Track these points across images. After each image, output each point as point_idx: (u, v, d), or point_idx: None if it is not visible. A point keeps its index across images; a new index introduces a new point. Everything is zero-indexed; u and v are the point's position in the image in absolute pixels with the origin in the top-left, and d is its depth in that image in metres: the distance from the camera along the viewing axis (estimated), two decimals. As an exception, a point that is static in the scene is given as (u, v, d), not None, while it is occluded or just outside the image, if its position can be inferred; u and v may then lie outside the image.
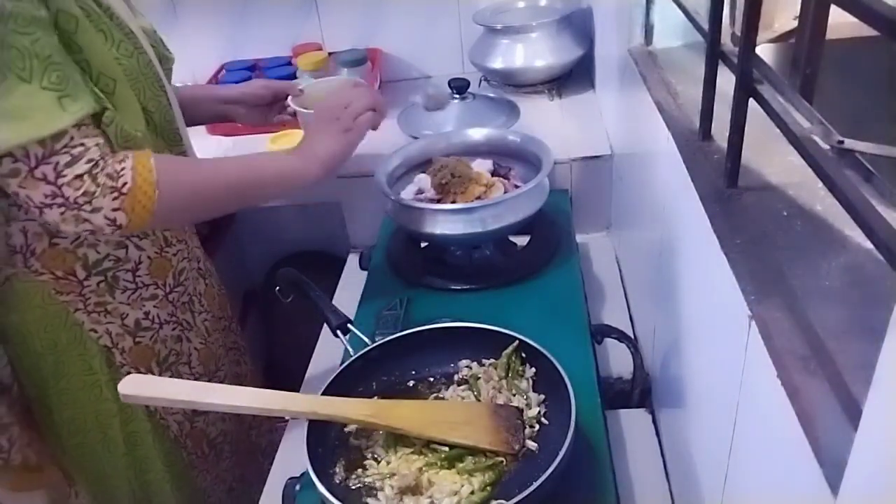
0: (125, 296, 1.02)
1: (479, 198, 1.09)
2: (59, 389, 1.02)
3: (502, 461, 0.75)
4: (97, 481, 1.11)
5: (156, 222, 0.90)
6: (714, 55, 0.73)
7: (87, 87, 0.85)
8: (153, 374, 1.06)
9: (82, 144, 0.83)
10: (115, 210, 0.84)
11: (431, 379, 0.87)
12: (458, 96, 1.52)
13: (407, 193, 1.15)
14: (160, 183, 0.87)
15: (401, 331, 0.90)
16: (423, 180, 1.15)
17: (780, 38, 0.93)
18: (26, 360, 1.01)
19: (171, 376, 1.09)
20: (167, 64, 1.06)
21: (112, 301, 1.01)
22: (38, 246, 0.94)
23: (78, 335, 0.99)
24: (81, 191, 0.82)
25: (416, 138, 1.40)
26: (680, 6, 0.95)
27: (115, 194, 0.84)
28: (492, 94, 1.62)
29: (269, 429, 1.35)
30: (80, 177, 0.82)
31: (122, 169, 0.85)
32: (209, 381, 1.16)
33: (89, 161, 0.83)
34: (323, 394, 0.80)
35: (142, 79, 0.94)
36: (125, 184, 0.84)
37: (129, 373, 1.03)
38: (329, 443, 0.79)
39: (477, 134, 1.23)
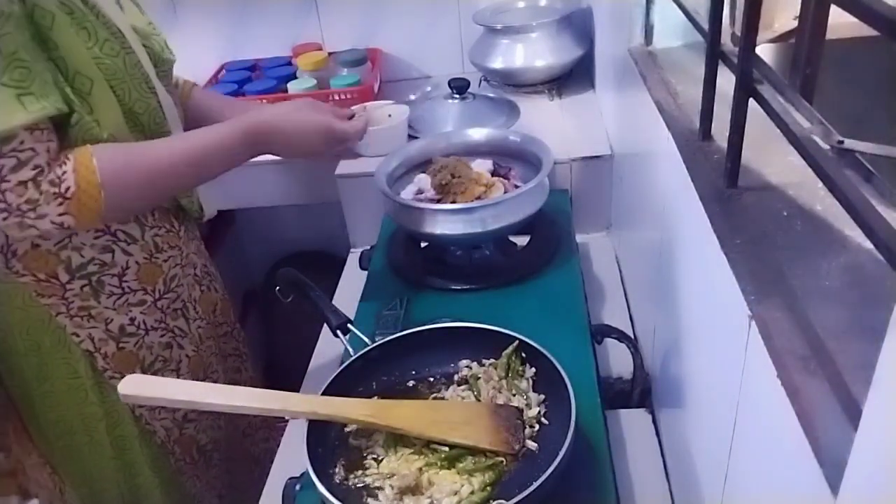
0: (111, 301, 1.00)
1: (479, 198, 1.09)
2: (42, 392, 1.01)
3: (502, 461, 0.75)
4: (85, 483, 1.10)
5: (106, 219, 0.90)
6: (714, 55, 0.73)
7: (57, 88, 0.84)
8: None
9: (32, 149, 0.81)
10: (61, 215, 0.84)
11: (431, 379, 0.87)
12: (458, 96, 1.52)
13: (407, 193, 1.15)
14: (104, 184, 0.85)
15: (401, 331, 0.90)
16: (423, 180, 1.15)
17: (780, 38, 0.93)
18: (9, 360, 1.01)
19: None
20: (164, 65, 1.04)
21: (97, 306, 0.99)
22: (20, 247, 0.93)
23: (61, 338, 0.98)
24: (24, 198, 0.81)
25: (416, 138, 1.40)
26: (680, 6, 0.95)
27: (60, 200, 0.83)
28: (492, 94, 1.62)
29: (265, 437, 1.34)
30: (23, 183, 0.81)
31: (64, 173, 0.83)
32: None
33: (35, 167, 0.82)
34: (323, 394, 0.80)
35: (127, 79, 0.92)
36: (68, 188, 0.83)
37: (112, 378, 1.02)
38: (329, 443, 0.79)
39: (477, 134, 1.23)
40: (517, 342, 0.84)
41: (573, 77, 1.65)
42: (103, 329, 1.01)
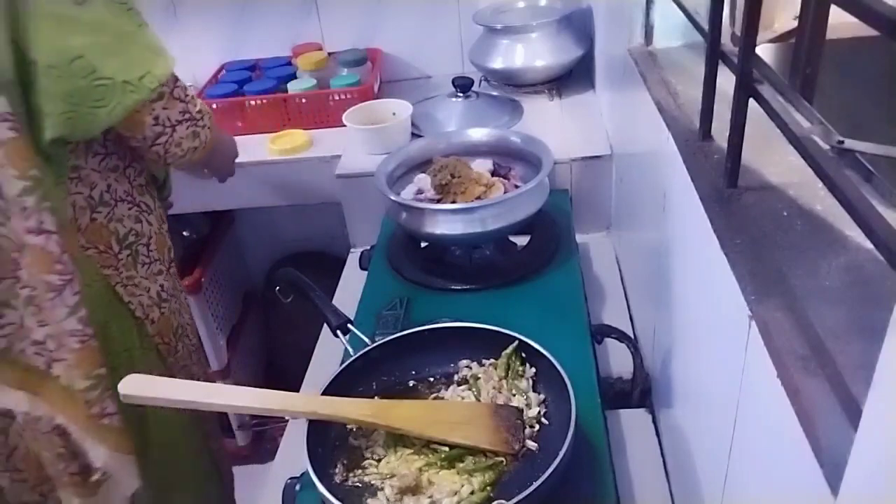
0: (144, 269, 1.05)
1: (479, 198, 1.09)
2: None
3: (502, 461, 0.75)
4: None
5: (209, 149, 1.03)
6: (714, 55, 0.73)
7: None
8: (172, 344, 1.10)
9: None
10: (208, 128, 1.01)
11: (431, 379, 0.87)
12: (461, 95, 1.52)
13: (407, 193, 1.15)
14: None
15: (401, 331, 0.90)
16: (423, 180, 1.15)
17: (780, 38, 0.93)
18: None
19: (183, 346, 1.13)
20: None
21: (136, 275, 1.04)
22: (83, 220, 0.97)
23: (116, 309, 1.01)
24: (198, 108, 0.99)
25: (419, 136, 1.40)
26: (680, 6, 0.95)
27: (210, 115, 1.02)
28: (495, 93, 1.62)
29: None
30: (194, 97, 0.99)
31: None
32: (200, 356, 1.21)
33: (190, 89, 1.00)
34: (323, 394, 0.80)
35: None
36: (207, 109, 1.03)
37: (159, 344, 1.07)
38: (329, 443, 0.79)
39: (477, 134, 1.23)
40: (517, 342, 0.84)
41: (573, 77, 1.65)
42: (147, 296, 1.05)
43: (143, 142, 0.96)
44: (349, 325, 0.97)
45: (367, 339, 0.93)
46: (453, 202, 1.09)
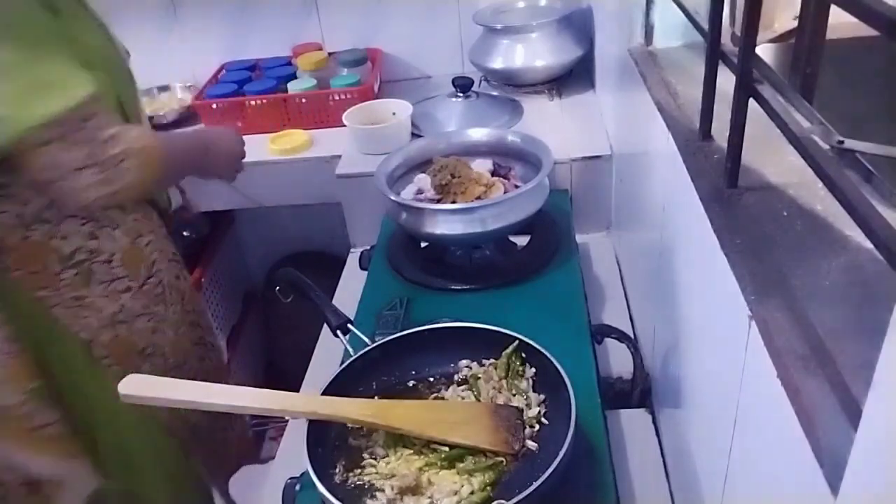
0: (101, 288, 1.01)
1: (479, 198, 1.09)
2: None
3: (502, 461, 0.75)
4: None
5: (153, 185, 0.98)
6: (714, 55, 0.73)
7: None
8: (136, 365, 1.06)
9: (106, 111, 0.89)
10: (139, 167, 0.91)
11: (431, 379, 0.87)
12: (461, 95, 1.52)
13: (407, 193, 1.15)
14: (159, 147, 0.94)
15: (401, 331, 0.90)
16: (423, 180, 1.15)
17: (780, 38, 0.93)
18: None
19: (150, 367, 1.09)
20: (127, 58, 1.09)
21: (88, 294, 1.00)
22: (11, 239, 0.93)
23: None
24: (118, 149, 0.88)
25: (419, 136, 1.40)
26: (680, 6, 0.95)
27: (143, 156, 0.91)
28: (495, 93, 1.62)
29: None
30: (114, 137, 0.88)
31: (139, 132, 0.91)
32: (175, 375, 1.14)
33: (118, 123, 0.89)
34: (323, 394, 0.80)
35: (114, 69, 0.96)
36: (146, 143, 0.92)
37: (110, 366, 1.03)
38: (329, 443, 0.79)
39: (477, 134, 1.23)
40: (517, 342, 0.84)
41: (573, 77, 1.65)
42: (97, 317, 1.01)
43: (36, 184, 0.90)
44: (349, 325, 0.97)
45: (367, 339, 0.93)
46: (453, 202, 1.09)
